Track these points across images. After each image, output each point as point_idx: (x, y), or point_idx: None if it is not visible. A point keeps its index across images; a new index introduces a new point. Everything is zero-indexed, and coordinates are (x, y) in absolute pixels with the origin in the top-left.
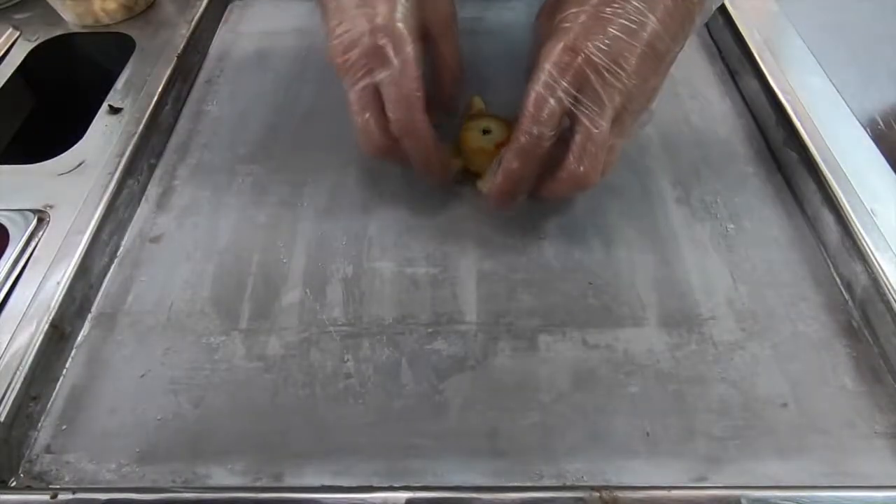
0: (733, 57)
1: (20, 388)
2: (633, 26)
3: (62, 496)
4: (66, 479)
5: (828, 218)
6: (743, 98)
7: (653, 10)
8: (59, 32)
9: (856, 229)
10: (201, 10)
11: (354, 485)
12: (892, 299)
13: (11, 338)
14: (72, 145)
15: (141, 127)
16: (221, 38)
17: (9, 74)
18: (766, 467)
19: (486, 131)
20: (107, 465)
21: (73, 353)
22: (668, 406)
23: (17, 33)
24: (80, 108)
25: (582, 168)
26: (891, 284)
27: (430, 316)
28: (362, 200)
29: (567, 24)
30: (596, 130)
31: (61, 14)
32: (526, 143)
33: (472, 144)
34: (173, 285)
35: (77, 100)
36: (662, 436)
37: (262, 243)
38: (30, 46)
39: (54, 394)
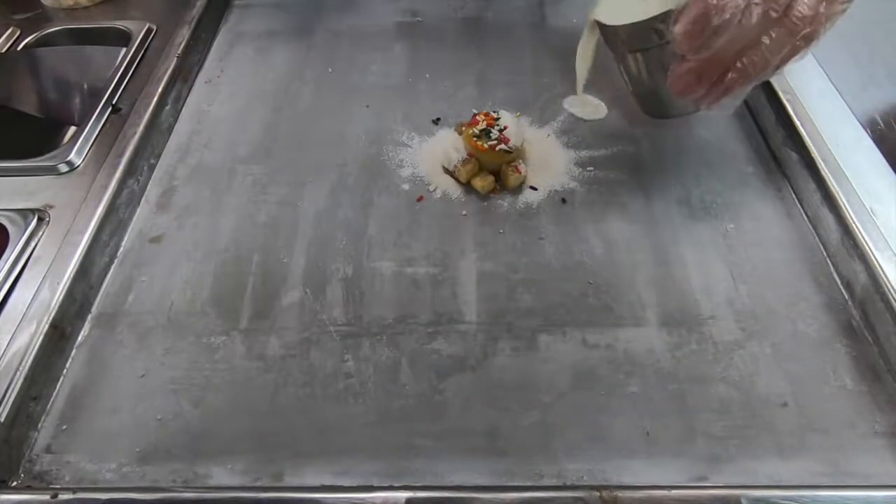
0: None
1: (20, 388)
2: None
3: (62, 496)
4: (67, 478)
5: (828, 217)
6: (743, 98)
7: None
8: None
9: (856, 229)
10: (201, 10)
11: (354, 484)
12: (891, 299)
13: (12, 338)
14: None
15: (141, 127)
16: (221, 39)
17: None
18: (766, 467)
19: (483, 132)
20: (107, 465)
21: (73, 353)
22: (668, 406)
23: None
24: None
25: None
26: (891, 284)
27: (430, 316)
28: (362, 200)
29: None
30: None
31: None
32: None
33: (472, 143)
34: (173, 285)
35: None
36: (662, 435)
37: (262, 243)
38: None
39: (54, 394)
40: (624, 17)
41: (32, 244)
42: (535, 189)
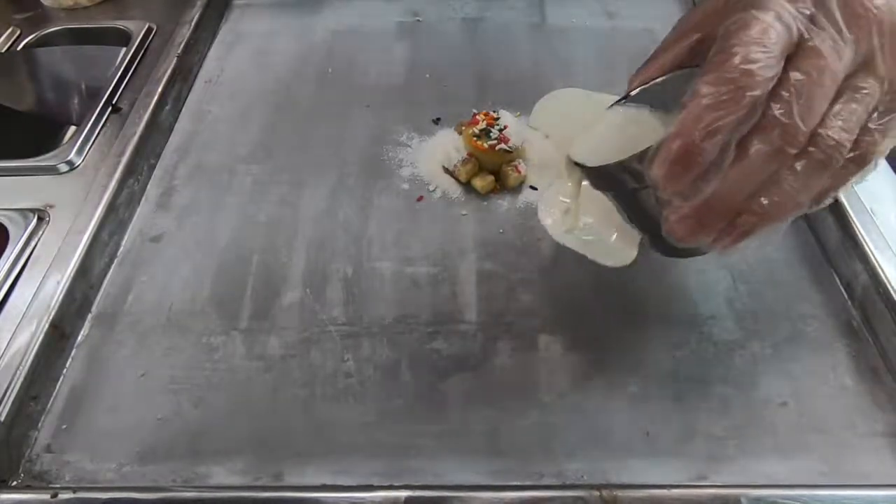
0: None
1: (20, 388)
2: None
3: (62, 495)
4: (67, 478)
5: (827, 218)
6: None
7: None
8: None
9: (855, 229)
10: (201, 10)
11: (354, 484)
12: (891, 299)
13: (11, 338)
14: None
15: (141, 127)
16: (221, 39)
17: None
18: (766, 466)
19: (483, 131)
20: (107, 465)
21: (73, 353)
22: (668, 405)
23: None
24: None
25: (793, 116)
26: (890, 284)
27: (430, 316)
28: (362, 200)
29: None
30: (826, 60)
31: None
32: (728, 84)
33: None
34: (173, 285)
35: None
36: (662, 435)
37: (262, 243)
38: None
39: (54, 393)
40: (598, 156)
41: (32, 244)
42: (535, 189)
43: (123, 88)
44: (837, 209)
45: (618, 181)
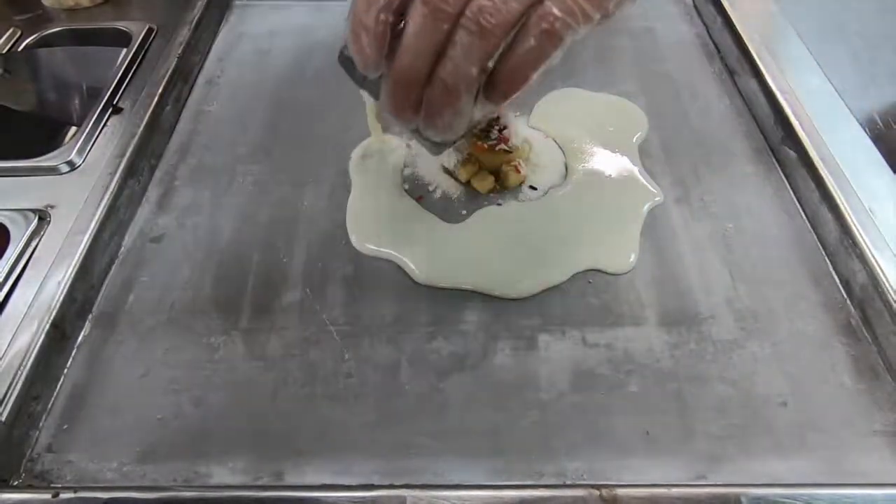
0: (732, 57)
1: (21, 388)
2: None
3: (63, 495)
4: (68, 478)
5: (826, 217)
6: (742, 98)
7: None
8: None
9: (854, 228)
10: (202, 10)
11: (355, 483)
12: (890, 298)
13: (13, 338)
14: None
15: (142, 127)
16: (222, 39)
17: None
18: (766, 465)
19: (483, 131)
20: (108, 465)
21: (73, 353)
22: (668, 405)
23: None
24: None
25: None
26: (889, 283)
27: (430, 316)
28: None
29: None
30: None
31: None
32: None
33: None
34: (174, 285)
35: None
36: (662, 434)
37: (262, 243)
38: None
39: (55, 393)
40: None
41: (33, 244)
42: (534, 189)
43: (124, 89)
44: (836, 208)
45: (351, 65)
